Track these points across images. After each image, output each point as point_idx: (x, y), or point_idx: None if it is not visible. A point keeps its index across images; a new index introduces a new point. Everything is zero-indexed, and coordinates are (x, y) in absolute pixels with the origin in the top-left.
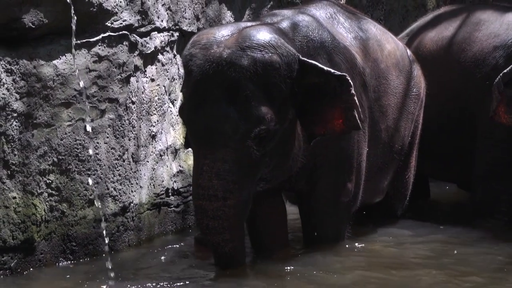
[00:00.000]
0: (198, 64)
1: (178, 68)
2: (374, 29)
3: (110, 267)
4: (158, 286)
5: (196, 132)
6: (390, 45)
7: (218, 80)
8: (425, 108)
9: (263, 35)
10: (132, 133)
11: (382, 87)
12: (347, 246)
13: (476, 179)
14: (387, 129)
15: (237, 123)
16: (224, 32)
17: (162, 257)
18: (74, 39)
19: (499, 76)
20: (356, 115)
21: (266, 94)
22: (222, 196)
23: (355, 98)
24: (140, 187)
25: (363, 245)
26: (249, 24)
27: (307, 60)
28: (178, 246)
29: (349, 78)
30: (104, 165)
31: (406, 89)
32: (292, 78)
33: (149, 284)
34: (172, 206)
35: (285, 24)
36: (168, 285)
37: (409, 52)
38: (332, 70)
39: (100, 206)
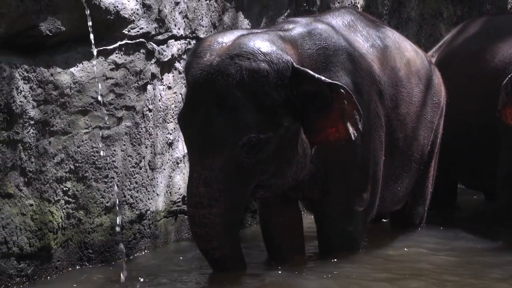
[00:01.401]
0: (192, 72)
1: None
2: (393, 37)
3: (126, 275)
4: None
5: (189, 139)
6: (409, 53)
7: (208, 89)
8: (452, 118)
9: (254, 42)
10: (149, 140)
11: (400, 95)
12: (362, 255)
13: (497, 187)
14: (405, 138)
15: (224, 131)
16: (220, 40)
17: (178, 265)
18: (94, 47)
19: (507, 78)
20: (353, 123)
21: (254, 101)
22: (207, 203)
23: (349, 106)
24: (157, 194)
25: (379, 254)
26: (251, 31)
27: (300, 67)
28: (194, 253)
29: (341, 86)
30: (121, 172)
31: (425, 97)
32: (284, 85)
33: None
34: None
35: (295, 32)
36: None
37: (429, 60)
38: (323, 78)
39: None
